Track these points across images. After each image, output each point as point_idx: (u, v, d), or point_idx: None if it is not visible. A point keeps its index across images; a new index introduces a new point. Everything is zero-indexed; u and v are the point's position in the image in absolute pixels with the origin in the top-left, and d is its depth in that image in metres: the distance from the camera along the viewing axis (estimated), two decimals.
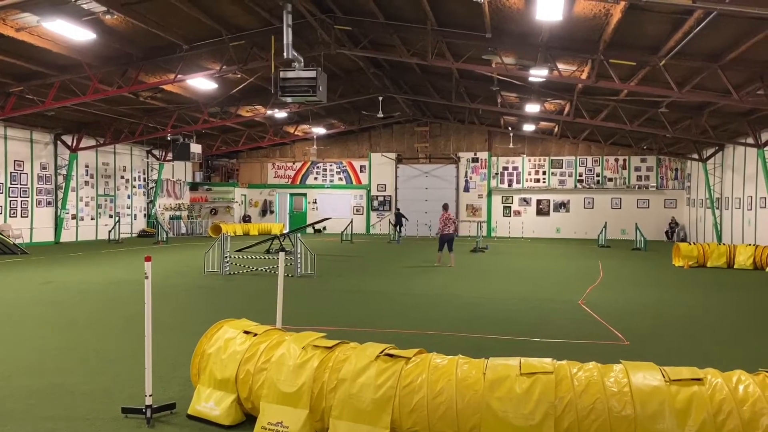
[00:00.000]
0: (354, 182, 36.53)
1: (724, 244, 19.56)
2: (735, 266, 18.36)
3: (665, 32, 13.73)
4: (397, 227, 29.23)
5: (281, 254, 6.49)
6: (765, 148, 21.46)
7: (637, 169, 32.99)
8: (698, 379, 4.03)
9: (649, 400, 3.94)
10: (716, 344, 8.16)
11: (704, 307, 11.10)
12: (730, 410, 3.87)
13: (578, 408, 3.97)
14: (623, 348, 7.72)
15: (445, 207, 18.51)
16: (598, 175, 33.33)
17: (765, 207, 22.16)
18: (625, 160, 33.06)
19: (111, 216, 29.32)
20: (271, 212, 37.45)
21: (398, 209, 32.68)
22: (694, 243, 20.56)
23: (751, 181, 23.66)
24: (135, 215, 31.53)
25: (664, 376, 4.09)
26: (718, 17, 11.80)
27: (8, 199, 23.73)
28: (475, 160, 34.81)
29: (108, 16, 14.11)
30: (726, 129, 23.45)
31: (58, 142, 26.07)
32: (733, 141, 23.93)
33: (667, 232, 31.93)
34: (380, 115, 27.44)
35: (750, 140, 22.22)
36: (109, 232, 27.17)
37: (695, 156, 29.08)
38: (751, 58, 14.46)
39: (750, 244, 19.41)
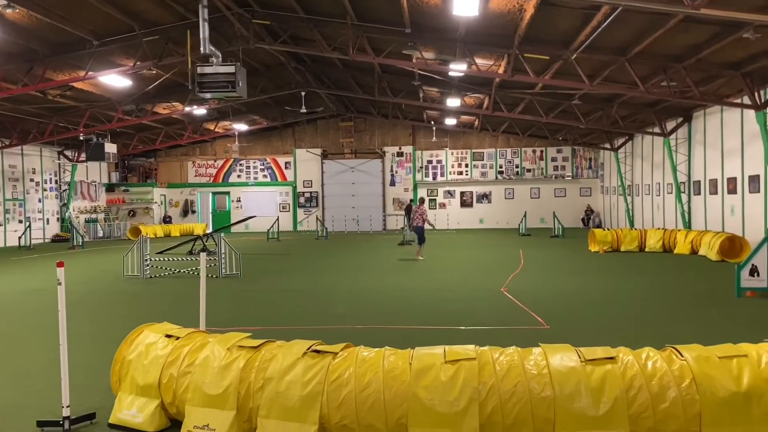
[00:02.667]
0: (279, 179, 36.10)
1: (635, 229, 20.63)
2: (646, 249, 19.40)
3: (576, 27, 14.28)
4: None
5: (203, 255, 6.35)
6: (670, 137, 22.74)
7: (554, 159, 34.24)
8: (611, 358, 4.25)
9: (566, 380, 4.12)
10: (629, 323, 8.61)
11: (618, 289, 11.68)
12: (640, 385, 4.10)
13: (501, 392, 4.11)
14: (544, 332, 8.02)
15: (421, 201, 19.15)
16: (517, 167, 34.35)
17: (671, 193, 23.50)
18: (542, 152, 34.23)
19: (21, 221, 27.72)
20: (193, 212, 36.46)
21: (411, 201, 32.23)
22: (608, 229, 21.58)
23: (659, 168, 25.03)
24: (47, 219, 29.93)
25: (579, 357, 4.28)
26: (623, 13, 12.37)
27: None
28: (400, 154, 35.13)
29: (9, 10, 13.31)
30: (635, 119, 24.70)
31: None
32: (642, 130, 25.22)
33: (583, 219, 33.33)
34: (303, 110, 27.22)
35: (656, 129, 23.49)
36: (20, 238, 25.68)
37: (607, 145, 30.46)
38: (655, 51, 15.27)
39: (659, 228, 20.55)
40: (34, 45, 16.28)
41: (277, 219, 29.81)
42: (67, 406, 4.77)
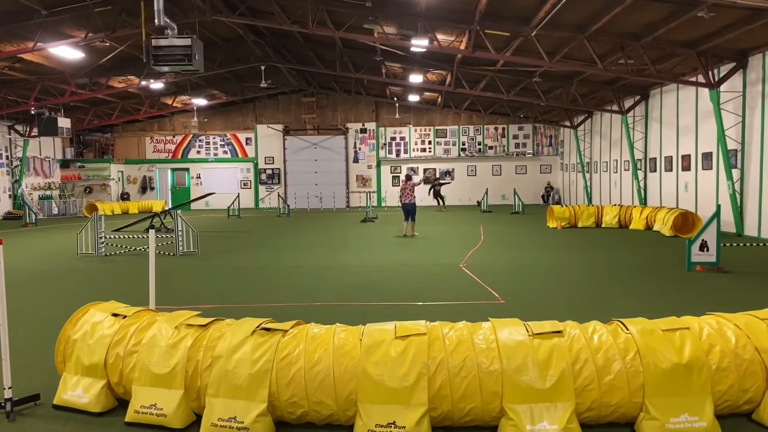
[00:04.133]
0: (240, 155, 35.58)
1: (593, 206, 20.98)
2: (603, 225, 19.78)
3: (535, 3, 14.29)
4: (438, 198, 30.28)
5: (152, 232, 6.21)
6: (628, 115, 23.09)
7: (515, 137, 34.51)
8: (558, 332, 4.31)
9: (514, 354, 4.17)
10: (581, 298, 8.77)
11: (573, 265, 11.88)
12: (586, 358, 4.18)
13: (450, 366, 4.14)
14: (499, 306, 8.12)
15: (408, 177, 18.57)
16: (479, 144, 34.52)
17: (628, 170, 23.94)
18: (503, 129, 34.44)
19: None
20: (152, 189, 35.76)
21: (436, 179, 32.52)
22: (566, 205, 21.88)
23: (616, 145, 25.44)
24: None
25: (528, 331, 4.33)
26: None
27: None
28: (363, 131, 34.93)
29: None
30: (593, 97, 25.00)
31: None
32: (600, 108, 25.56)
33: (543, 196, 33.79)
34: (263, 84, 26.78)
35: (615, 107, 23.82)
36: None
37: (567, 123, 30.81)
38: (613, 29, 15.41)
39: (615, 205, 20.94)
40: None
41: (238, 196, 29.47)
42: (9, 388, 4.63)
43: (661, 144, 21.25)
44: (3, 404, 4.61)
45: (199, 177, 35.65)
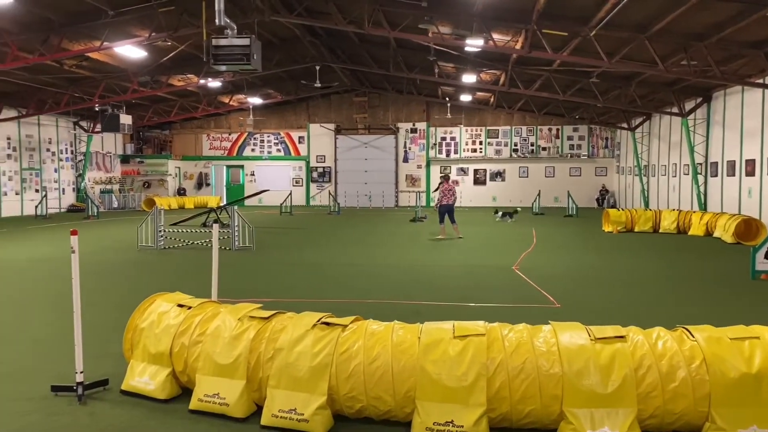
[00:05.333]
0: (293, 154, 36.08)
1: (650, 210, 20.44)
2: (660, 230, 19.24)
3: (595, 3, 14.02)
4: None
5: (215, 226, 6.38)
6: (688, 117, 22.40)
7: (570, 138, 33.90)
8: (621, 337, 4.24)
9: (575, 358, 4.12)
10: (640, 303, 8.57)
11: (631, 270, 11.61)
12: (649, 365, 4.09)
13: (509, 368, 4.12)
14: (554, 310, 8.02)
15: (446, 177, 17.96)
16: (532, 145, 34.05)
17: (688, 174, 23.22)
18: (558, 130, 33.88)
19: (37, 190, 28.02)
20: (207, 185, 36.61)
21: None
22: (622, 209, 21.39)
23: (676, 148, 24.70)
24: (63, 189, 30.21)
25: (589, 335, 4.28)
26: None
27: None
28: (413, 130, 34.93)
29: None
30: (653, 98, 24.34)
31: None
32: (660, 110, 24.85)
33: (597, 199, 33.09)
34: (318, 84, 27.05)
35: (675, 109, 23.13)
36: (36, 207, 25.98)
37: (624, 125, 30.07)
38: (676, 29, 14.97)
39: (674, 209, 20.35)
40: (51, 14, 16.27)
41: (290, 193, 29.89)
42: (81, 372, 4.84)
43: (723, 148, 20.52)
44: (75, 387, 4.82)
45: (253, 174, 36.31)
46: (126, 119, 26.25)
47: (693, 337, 4.26)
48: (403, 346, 4.30)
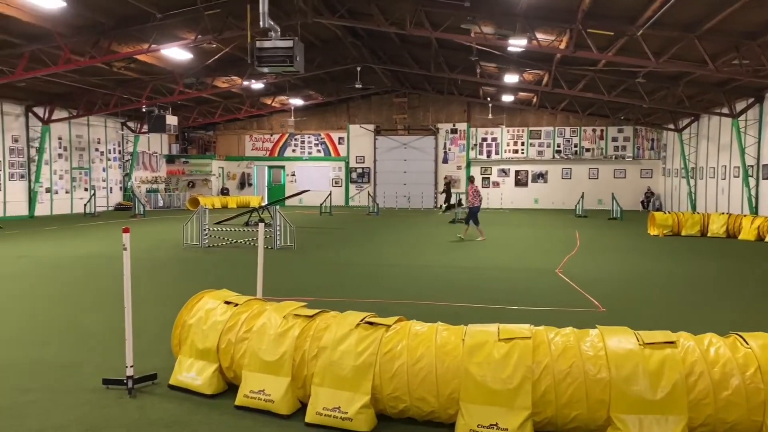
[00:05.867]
0: (332, 154, 36.33)
1: (698, 213, 19.90)
2: (708, 234, 18.72)
3: (643, 2, 13.74)
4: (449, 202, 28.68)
5: (261, 225, 6.47)
6: (739, 118, 21.74)
7: (614, 139, 33.26)
8: (671, 342, 4.14)
9: (623, 363, 4.04)
10: (690, 309, 8.35)
11: (678, 274, 11.33)
12: (701, 371, 3.99)
13: (555, 372, 4.06)
14: (599, 315, 7.88)
15: (472, 179, 17.90)
16: (575, 146, 33.54)
17: (738, 176, 22.53)
18: (602, 131, 33.29)
19: (86, 189, 28.88)
20: (250, 185, 37.16)
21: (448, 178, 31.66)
22: (668, 212, 20.90)
23: (725, 150, 24.00)
24: (111, 188, 31.08)
25: (638, 340, 4.19)
26: None
27: None
28: (453, 131, 34.78)
29: None
30: (701, 99, 23.70)
31: (30, 114, 25.47)
32: (709, 111, 24.19)
33: (642, 202, 32.38)
34: (358, 85, 27.20)
35: (725, 110, 22.48)
36: (85, 205, 26.78)
37: (671, 126, 29.37)
38: (727, 28, 14.56)
39: (723, 213, 19.77)
40: (101, 18, 16.75)
41: (330, 194, 30.10)
42: (131, 366, 4.96)
43: None
44: (125, 381, 4.95)
45: (293, 174, 36.70)
46: (172, 120, 26.85)
47: (747, 344, 4.13)
48: (447, 348, 4.28)
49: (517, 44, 17.28)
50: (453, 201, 28.20)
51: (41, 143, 25.58)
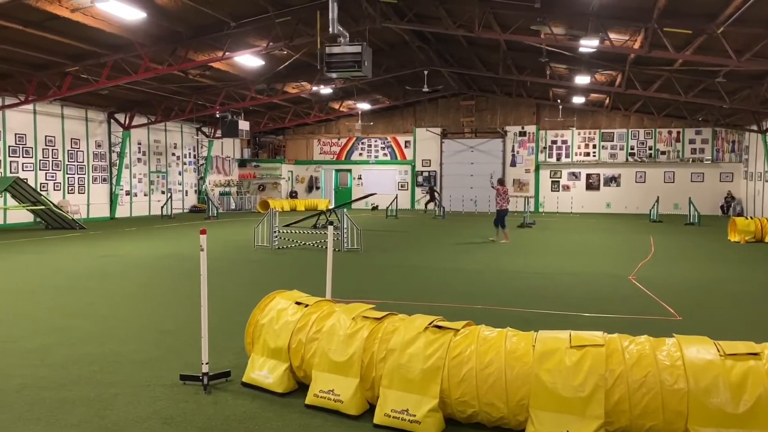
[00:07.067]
0: (399, 158, 36.48)
1: None
2: None
3: None
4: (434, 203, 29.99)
5: (330, 228, 6.58)
6: None
7: (692, 141, 31.92)
8: (755, 354, 3.95)
9: (702, 374, 3.89)
10: None
11: (761, 283, 10.77)
12: None
13: (629, 381, 3.95)
14: (675, 323, 7.59)
15: (502, 181, 18.00)
16: (650, 148, 32.39)
17: None
18: (679, 133, 32.01)
19: (163, 192, 30.12)
20: (317, 188, 37.80)
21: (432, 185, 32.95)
22: (751, 217, 19.87)
23: None
24: (186, 191, 32.30)
25: (718, 350, 4.02)
26: None
27: (66, 176, 24.63)
28: (522, 133, 34.26)
29: None
30: None
31: (112, 120, 26.82)
32: None
33: (722, 207, 30.92)
34: (425, 89, 27.20)
35: None
36: (162, 207, 27.93)
37: (754, 127, 27.89)
38: None
39: None
40: (178, 27, 17.45)
41: (396, 197, 30.22)
42: (206, 363, 5.15)
43: None
44: (201, 377, 5.14)
45: (360, 178, 37.07)
46: (244, 125, 27.65)
47: None
48: (517, 354, 4.23)
49: (588, 45, 16.86)
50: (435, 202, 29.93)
51: (122, 148, 26.88)
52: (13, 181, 19.12)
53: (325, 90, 27.68)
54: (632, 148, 32.62)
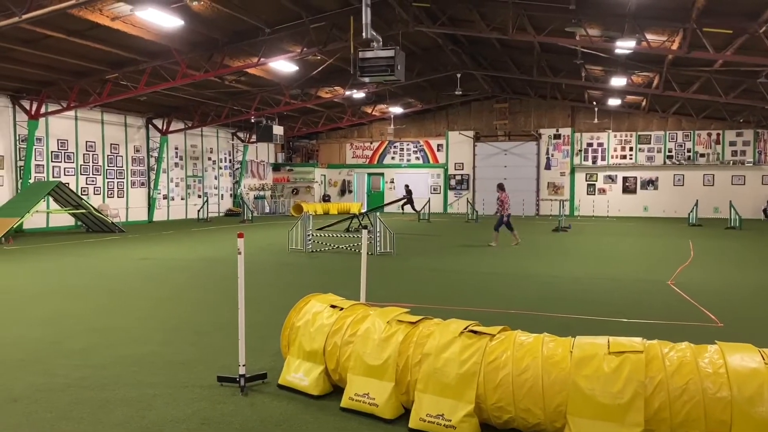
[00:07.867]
0: (431, 161, 36.42)
1: None
2: None
3: None
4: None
5: (364, 231, 6.61)
6: None
7: (732, 143, 31.15)
8: None
9: (747, 382, 3.79)
10: None
11: None
12: None
13: (670, 388, 3.87)
14: (717, 330, 7.41)
15: (503, 187, 17.66)
16: (689, 151, 31.72)
17: None
18: (718, 135, 31.27)
19: (199, 196, 30.61)
20: (350, 192, 37.97)
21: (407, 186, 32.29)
22: None
23: None
24: (222, 195, 32.78)
25: (763, 358, 3.91)
26: None
27: (106, 180, 25.23)
28: (557, 136, 33.89)
29: (194, 2, 14.63)
30: None
31: (150, 125, 27.40)
32: None
33: (764, 210, 30.08)
34: (458, 92, 27.12)
35: None
36: (198, 211, 28.39)
37: None
38: None
39: None
40: (215, 34, 17.75)
41: (429, 201, 30.17)
42: (243, 365, 5.21)
43: None
44: (238, 379, 5.21)
45: (392, 181, 37.12)
46: (278, 130, 27.97)
47: None
48: (554, 359, 4.18)
49: (625, 46, 16.63)
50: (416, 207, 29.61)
51: (160, 153, 27.43)
52: (56, 185, 19.67)
53: (358, 94, 27.83)
54: (670, 151, 31.99)
